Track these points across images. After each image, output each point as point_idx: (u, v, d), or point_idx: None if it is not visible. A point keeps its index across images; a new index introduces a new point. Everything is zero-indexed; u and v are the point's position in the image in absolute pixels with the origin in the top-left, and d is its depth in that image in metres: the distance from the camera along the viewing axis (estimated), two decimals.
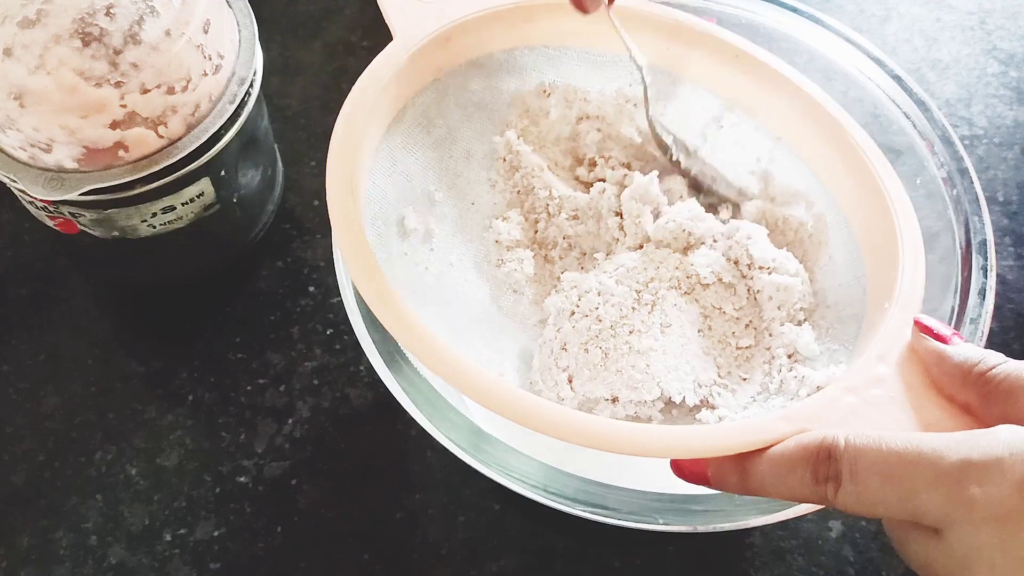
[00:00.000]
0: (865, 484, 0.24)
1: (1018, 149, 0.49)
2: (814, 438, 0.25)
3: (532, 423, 0.26)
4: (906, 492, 0.23)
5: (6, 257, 0.45)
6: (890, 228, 0.32)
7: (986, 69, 0.52)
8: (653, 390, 0.33)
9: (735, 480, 0.26)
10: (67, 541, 0.37)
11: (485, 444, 0.29)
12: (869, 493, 0.24)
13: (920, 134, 0.37)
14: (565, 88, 0.39)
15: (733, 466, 0.26)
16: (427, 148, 0.36)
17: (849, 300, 0.34)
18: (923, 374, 0.27)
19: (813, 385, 0.31)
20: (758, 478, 0.26)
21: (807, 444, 0.25)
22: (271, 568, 0.37)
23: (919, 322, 0.28)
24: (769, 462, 0.26)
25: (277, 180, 0.44)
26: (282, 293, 0.44)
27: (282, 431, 0.40)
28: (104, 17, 0.34)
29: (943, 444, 0.23)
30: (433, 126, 0.36)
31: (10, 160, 0.35)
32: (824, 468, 0.24)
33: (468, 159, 0.38)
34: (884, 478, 0.23)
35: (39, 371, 0.41)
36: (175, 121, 0.35)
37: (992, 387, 0.25)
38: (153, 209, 0.36)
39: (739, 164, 0.38)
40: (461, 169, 0.38)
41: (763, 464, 0.26)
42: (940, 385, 0.27)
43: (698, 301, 0.36)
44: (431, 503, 0.38)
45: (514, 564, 0.37)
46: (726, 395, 0.34)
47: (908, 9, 0.54)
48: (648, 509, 0.28)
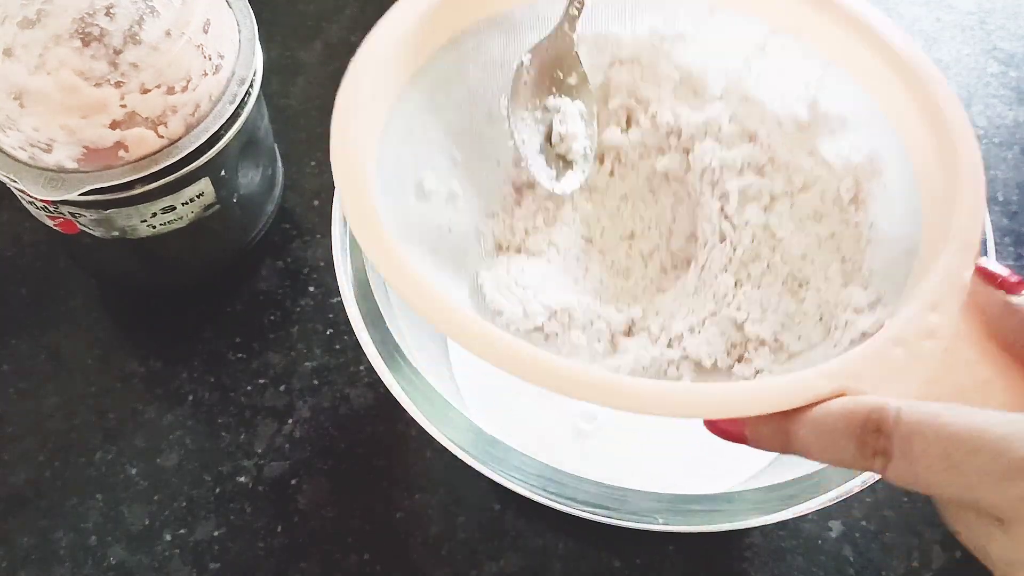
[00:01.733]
0: (919, 465, 0.21)
1: (1018, 149, 0.49)
2: (861, 407, 0.22)
3: (551, 381, 0.24)
4: (966, 481, 0.21)
5: (6, 257, 0.45)
6: (952, 159, 0.29)
7: (986, 69, 0.52)
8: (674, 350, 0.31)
9: (776, 443, 0.24)
10: (67, 541, 0.37)
11: (485, 444, 0.29)
12: (923, 475, 0.21)
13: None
14: (595, 36, 0.36)
15: (773, 428, 0.24)
16: (446, 110, 0.34)
17: (901, 235, 0.31)
18: (983, 325, 0.25)
19: (858, 331, 0.29)
20: (801, 443, 0.23)
21: (853, 412, 0.23)
22: (271, 568, 0.37)
23: (982, 268, 0.25)
24: (812, 427, 0.23)
25: (277, 180, 0.44)
26: (282, 293, 0.44)
27: (282, 431, 0.40)
28: (104, 17, 0.34)
29: (1012, 431, 0.21)
30: (452, 88, 0.34)
31: (10, 160, 0.35)
32: (872, 441, 0.22)
33: (490, 119, 0.35)
34: (941, 462, 0.21)
35: (39, 371, 0.41)
36: (175, 121, 0.35)
37: None
38: (153, 209, 0.36)
39: (786, 93, 0.35)
40: (483, 130, 0.35)
41: (805, 428, 0.23)
42: (1003, 339, 0.24)
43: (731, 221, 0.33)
44: (431, 503, 0.38)
45: (514, 564, 0.37)
46: (763, 351, 0.32)
47: (908, 9, 0.54)
48: (648, 509, 0.28)
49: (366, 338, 0.31)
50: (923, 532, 0.38)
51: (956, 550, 0.37)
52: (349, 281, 0.32)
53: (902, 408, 0.22)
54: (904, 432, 0.22)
